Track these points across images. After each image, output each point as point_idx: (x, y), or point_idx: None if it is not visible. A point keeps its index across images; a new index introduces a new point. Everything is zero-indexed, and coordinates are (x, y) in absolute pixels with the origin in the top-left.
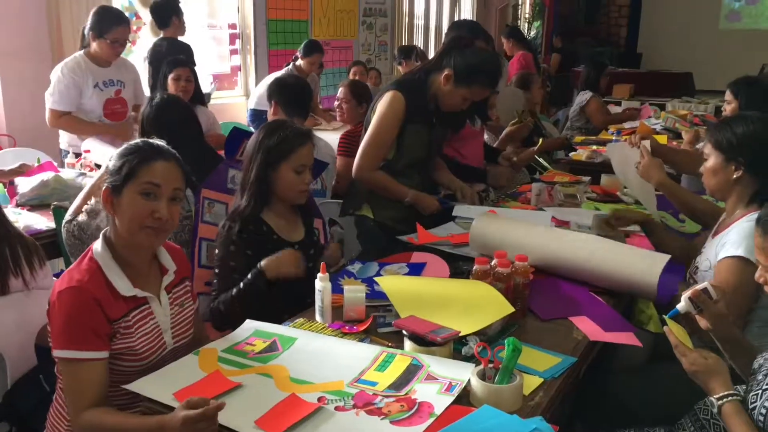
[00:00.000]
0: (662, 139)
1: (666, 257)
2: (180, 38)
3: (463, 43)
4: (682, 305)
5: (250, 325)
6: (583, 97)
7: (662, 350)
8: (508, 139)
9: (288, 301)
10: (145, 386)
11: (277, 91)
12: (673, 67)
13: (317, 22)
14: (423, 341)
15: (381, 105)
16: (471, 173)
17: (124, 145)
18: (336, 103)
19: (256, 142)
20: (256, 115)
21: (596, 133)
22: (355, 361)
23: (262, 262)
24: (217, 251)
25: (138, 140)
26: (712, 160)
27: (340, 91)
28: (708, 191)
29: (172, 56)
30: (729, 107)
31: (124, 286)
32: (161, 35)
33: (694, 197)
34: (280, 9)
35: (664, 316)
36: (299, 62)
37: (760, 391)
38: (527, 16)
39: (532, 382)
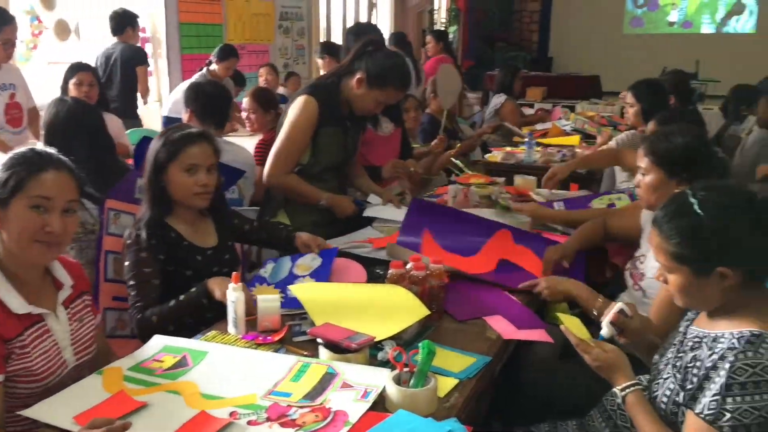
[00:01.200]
0: (574, 140)
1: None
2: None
3: (374, 47)
4: (605, 331)
5: (158, 341)
6: (497, 99)
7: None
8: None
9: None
10: (43, 411)
11: (193, 97)
12: (581, 70)
13: (232, 26)
14: (338, 348)
15: (293, 110)
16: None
17: (10, 154)
18: (244, 114)
19: (151, 148)
20: (171, 123)
21: (512, 135)
22: (269, 372)
23: (210, 282)
24: (126, 262)
25: (25, 149)
26: (652, 175)
27: (245, 102)
28: (645, 206)
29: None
30: (632, 110)
31: (16, 304)
32: (115, 41)
33: (580, 214)
34: (192, 12)
35: (557, 314)
36: (213, 67)
37: (661, 380)
38: (443, 21)
39: (447, 384)
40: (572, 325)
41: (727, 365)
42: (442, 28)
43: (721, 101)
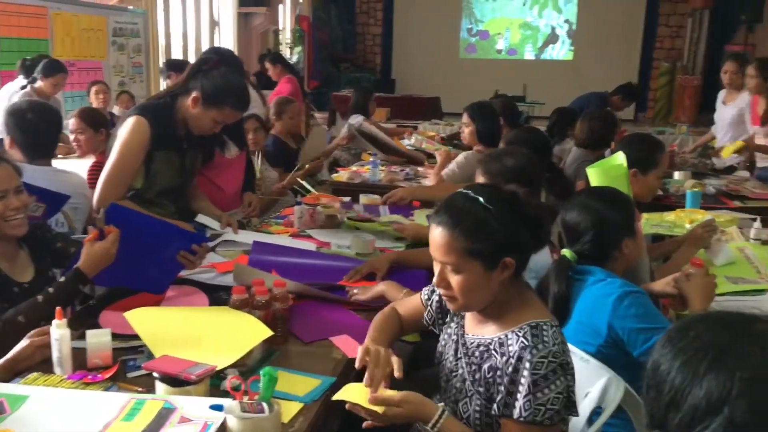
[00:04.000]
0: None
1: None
2: None
3: (210, 65)
4: None
5: None
6: (356, 119)
7: (419, 359)
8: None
9: None
10: None
11: (12, 124)
12: (423, 92)
13: (59, 41)
14: (176, 381)
15: (123, 131)
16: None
17: None
18: (71, 136)
19: None
20: None
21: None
22: (98, 413)
23: (80, 263)
24: None
25: None
26: None
27: (72, 123)
28: None
29: None
30: (467, 129)
31: None
32: None
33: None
34: (13, 26)
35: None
36: (39, 84)
37: (467, 400)
38: (288, 41)
39: (291, 409)
40: (355, 397)
41: (527, 364)
42: (288, 48)
43: (546, 122)
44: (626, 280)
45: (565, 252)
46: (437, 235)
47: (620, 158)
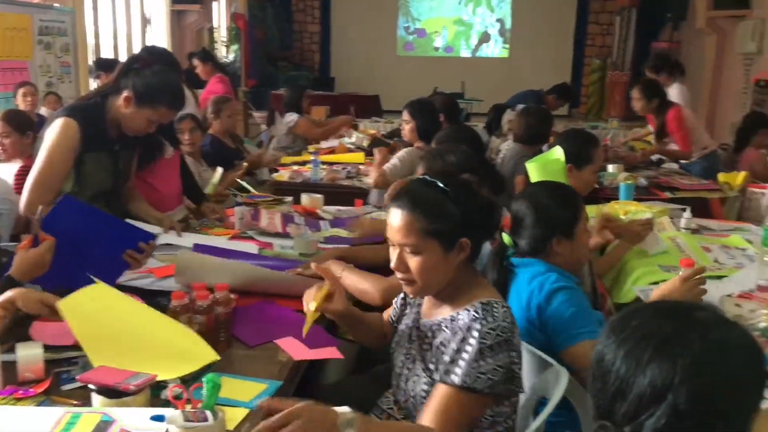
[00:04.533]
0: (359, 157)
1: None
2: None
3: (142, 63)
4: None
5: None
6: (290, 118)
7: (364, 359)
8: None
9: None
10: None
11: None
12: (362, 90)
13: None
14: (114, 392)
15: (50, 133)
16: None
17: None
18: None
19: None
20: None
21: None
22: (31, 429)
23: (12, 270)
24: None
25: None
26: None
27: None
28: None
29: None
30: (407, 126)
31: None
32: None
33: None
34: None
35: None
36: None
37: (415, 378)
38: (224, 39)
39: (237, 415)
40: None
41: (476, 333)
42: (224, 47)
43: (485, 118)
44: (564, 272)
45: (504, 237)
46: (397, 217)
47: (558, 153)
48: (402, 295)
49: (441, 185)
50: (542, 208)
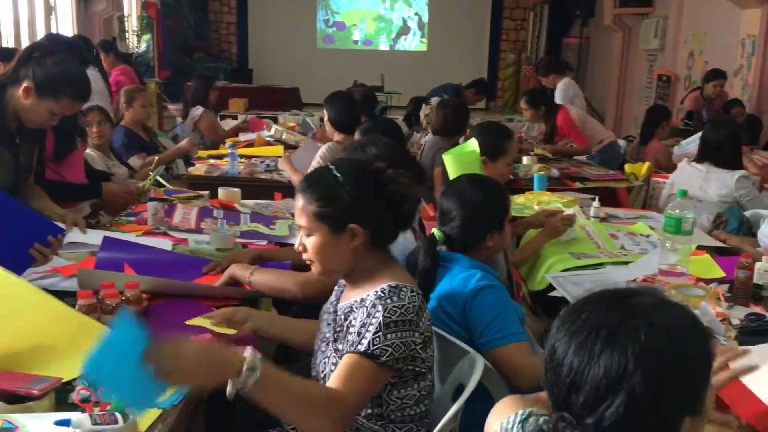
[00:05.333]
0: (278, 150)
1: None
2: None
3: (43, 52)
4: None
5: None
6: (195, 112)
7: (284, 354)
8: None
9: None
10: None
11: None
12: (282, 82)
13: None
14: (16, 398)
15: None
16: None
17: None
18: None
19: None
20: None
21: (215, 147)
22: None
23: None
24: None
25: None
26: None
27: None
28: None
29: None
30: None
31: None
32: None
33: None
34: None
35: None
36: None
37: (325, 360)
38: (135, 29)
39: (149, 416)
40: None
41: (381, 308)
42: (135, 37)
43: (404, 111)
44: (489, 269)
45: (435, 231)
46: (297, 201)
47: (473, 145)
48: (342, 281)
49: (334, 171)
50: (475, 206)
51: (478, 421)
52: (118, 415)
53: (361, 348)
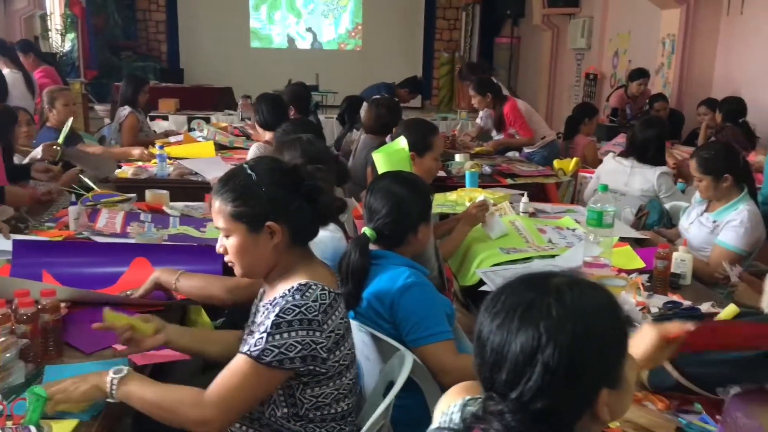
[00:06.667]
0: (209, 150)
1: None
2: None
3: None
4: None
5: None
6: (122, 113)
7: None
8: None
9: None
10: None
11: None
12: (214, 82)
13: None
14: None
15: None
16: None
17: None
18: None
19: None
20: None
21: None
22: None
23: None
24: None
25: None
26: None
27: None
28: None
29: None
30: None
31: None
32: None
33: None
34: None
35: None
36: None
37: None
38: (59, 27)
39: (65, 428)
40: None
41: (277, 308)
42: (59, 35)
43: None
44: (418, 266)
45: (366, 230)
46: (213, 203)
47: (402, 143)
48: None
49: (247, 169)
50: (401, 200)
51: (409, 416)
52: (33, 428)
53: (245, 348)
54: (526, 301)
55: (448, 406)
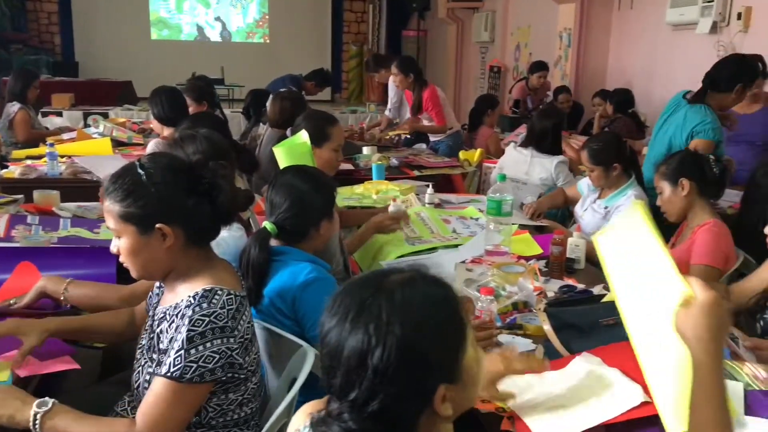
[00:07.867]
0: (106, 147)
1: None
2: None
3: None
4: None
5: None
6: (11, 108)
7: (109, 364)
8: None
9: None
10: None
11: None
12: (112, 75)
13: None
14: None
15: None
16: None
17: None
18: None
19: None
20: None
21: (33, 147)
22: None
23: None
24: None
25: None
26: None
27: None
28: None
29: None
30: (152, 116)
31: None
32: None
33: None
34: None
35: None
36: None
37: (139, 369)
38: None
39: None
40: None
41: (187, 321)
42: None
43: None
44: (320, 261)
45: (266, 224)
46: (104, 203)
47: (303, 136)
48: (158, 283)
49: (137, 168)
50: (303, 195)
51: None
52: None
53: (164, 370)
54: (357, 303)
55: (303, 424)
